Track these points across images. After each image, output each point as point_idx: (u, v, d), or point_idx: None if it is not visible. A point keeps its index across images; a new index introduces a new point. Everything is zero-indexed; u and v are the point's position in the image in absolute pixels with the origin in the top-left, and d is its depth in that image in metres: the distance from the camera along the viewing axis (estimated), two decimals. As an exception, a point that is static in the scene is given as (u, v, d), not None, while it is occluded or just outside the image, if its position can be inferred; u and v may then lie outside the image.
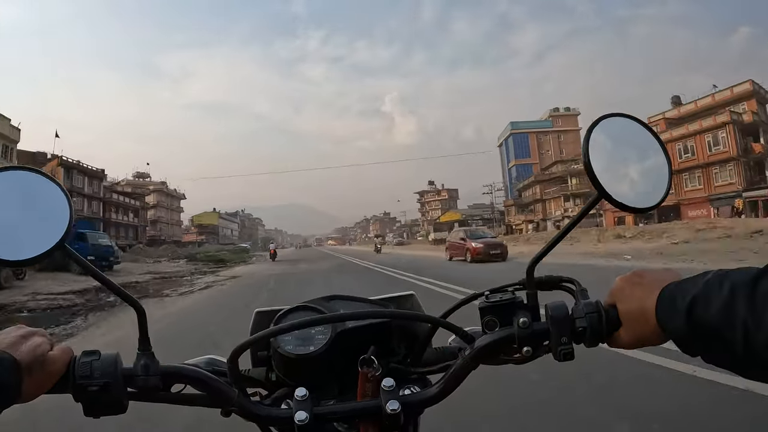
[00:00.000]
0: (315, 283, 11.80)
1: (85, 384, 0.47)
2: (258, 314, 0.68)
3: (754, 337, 0.35)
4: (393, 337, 0.63)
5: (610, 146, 0.51)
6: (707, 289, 0.39)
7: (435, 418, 0.66)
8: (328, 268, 17.44)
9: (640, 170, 0.53)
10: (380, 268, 15.58)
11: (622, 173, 0.52)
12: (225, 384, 0.53)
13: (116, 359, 0.50)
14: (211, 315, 7.41)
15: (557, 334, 0.50)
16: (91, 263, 0.53)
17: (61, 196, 0.50)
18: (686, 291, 0.41)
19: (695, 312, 0.39)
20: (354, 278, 12.87)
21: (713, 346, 0.39)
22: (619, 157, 0.52)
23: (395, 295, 0.73)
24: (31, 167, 0.52)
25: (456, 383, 0.54)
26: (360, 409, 0.53)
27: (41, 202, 0.50)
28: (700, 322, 0.39)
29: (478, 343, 0.53)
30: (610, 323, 0.49)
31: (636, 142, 0.53)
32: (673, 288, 0.43)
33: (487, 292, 0.56)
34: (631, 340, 0.48)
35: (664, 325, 0.43)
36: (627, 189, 0.51)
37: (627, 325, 0.48)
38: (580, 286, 0.54)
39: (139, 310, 0.53)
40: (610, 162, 0.50)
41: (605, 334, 0.49)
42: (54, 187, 0.51)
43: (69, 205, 0.50)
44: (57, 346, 0.48)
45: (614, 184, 0.49)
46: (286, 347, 0.59)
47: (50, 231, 0.49)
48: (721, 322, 0.37)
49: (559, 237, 0.57)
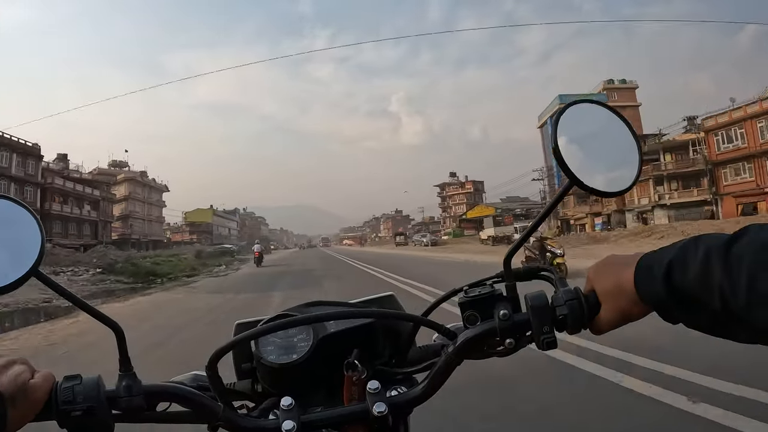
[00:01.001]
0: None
1: (69, 409, 0.47)
2: (239, 326, 0.68)
3: (730, 301, 0.36)
4: (376, 339, 0.63)
5: (580, 133, 0.51)
6: (683, 254, 0.40)
7: (426, 417, 0.59)
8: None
9: (611, 155, 0.53)
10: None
11: (593, 159, 0.52)
12: (210, 399, 0.53)
13: (98, 382, 0.49)
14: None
15: (539, 324, 0.50)
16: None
17: (32, 220, 0.50)
18: (662, 258, 0.42)
19: (673, 277, 0.40)
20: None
21: (693, 311, 0.40)
22: (589, 144, 0.52)
23: (375, 297, 0.72)
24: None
25: (441, 380, 0.54)
26: (347, 414, 0.53)
27: (11, 228, 0.49)
28: (679, 287, 0.40)
29: (461, 338, 0.53)
30: (590, 308, 0.49)
31: (605, 128, 0.53)
32: (650, 256, 0.44)
33: (466, 287, 0.57)
34: (613, 319, 0.48)
35: (643, 295, 0.43)
36: (598, 174, 0.51)
37: (607, 303, 0.48)
38: (559, 274, 0.55)
39: (117, 331, 0.52)
40: (580, 148, 0.50)
41: (586, 319, 0.50)
42: (23, 212, 0.50)
43: (40, 229, 0.50)
44: (38, 372, 0.47)
45: (585, 170, 0.49)
46: (269, 357, 0.59)
47: (22, 257, 0.48)
48: (699, 286, 0.38)
49: (533, 227, 0.57)
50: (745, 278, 0.34)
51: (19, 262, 0.48)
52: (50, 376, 0.47)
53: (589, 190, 0.49)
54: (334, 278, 13.25)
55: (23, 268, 0.47)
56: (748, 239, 0.36)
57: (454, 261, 17.94)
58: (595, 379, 3.04)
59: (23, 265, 0.47)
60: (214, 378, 0.53)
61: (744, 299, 0.35)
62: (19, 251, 0.48)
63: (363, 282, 11.82)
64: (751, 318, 0.35)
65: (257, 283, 13.02)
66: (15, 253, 0.48)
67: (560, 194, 0.54)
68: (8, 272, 0.47)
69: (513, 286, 0.55)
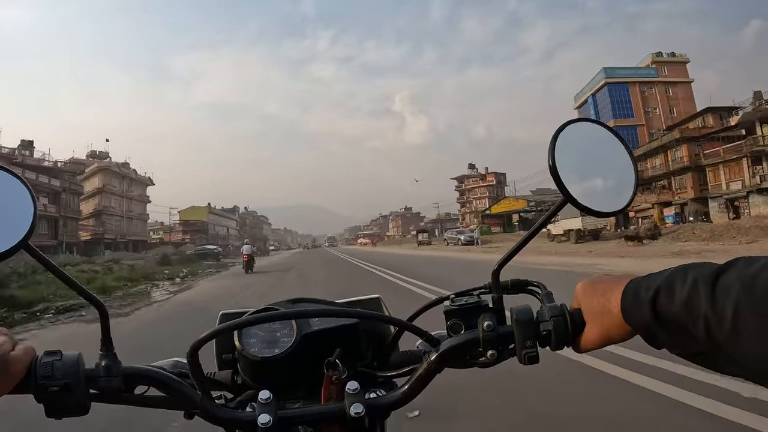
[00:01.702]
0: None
1: (47, 384, 0.47)
2: (223, 316, 0.68)
3: (714, 331, 0.36)
4: (359, 341, 0.62)
5: (576, 151, 0.51)
6: (670, 281, 0.40)
7: (402, 422, 0.50)
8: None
9: (606, 174, 0.53)
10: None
11: (589, 177, 0.52)
12: (188, 386, 0.53)
13: (78, 360, 0.49)
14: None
15: (522, 338, 0.50)
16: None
17: (26, 192, 0.49)
18: (650, 283, 0.41)
19: (659, 303, 0.40)
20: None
21: (677, 338, 0.40)
22: (585, 162, 0.52)
23: (361, 299, 0.73)
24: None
25: (421, 387, 0.54)
26: (324, 412, 0.53)
27: (3, 199, 0.49)
28: (664, 313, 0.39)
29: (443, 346, 0.53)
30: (575, 326, 0.49)
31: (602, 147, 0.54)
32: (638, 281, 0.44)
33: (453, 295, 0.57)
34: (596, 339, 0.48)
35: (628, 318, 0.43)
36: (593, 193, 0.51)
37: (592, 323, 0.48)
38: (546, 290, 0.55)
39: (102, 311, 0.52)
40: (576, 166, 0.51)
41: (570, 337, 0.50)
42: (17, 182, 0.50)
43: (33, 202, 0.49)
44: (19, 345, 0.47)
45: (580, 189, 0.50)
46: (251, 349, 0.59)
47: (13, 229, 0.47)
48: (684, 314, 0.38)
49: (524, 241, 0.55)
50: (730, 310, 0.34)
51: (8, 233, 0.47)
52: (31, 349, 0.48)
53: (583, 208, 0.49)
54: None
55: (13, 239, 0.46)
56: (737, 272, 0.36)
57: (575, 272, 9.77)
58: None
59: (13, 236, 0.47)
60: (195, 366, 0.52)
61: (728, 331, 0.35)
62: (9, 222, 0.47)
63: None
64: (734, 350, 0.35)
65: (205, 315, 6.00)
66: (5, 224, 0.47)
67: (553, 211, 0.52)
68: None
69: (500, 298, 0.55)
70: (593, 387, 2.89)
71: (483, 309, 0.54)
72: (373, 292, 0.75)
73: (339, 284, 11.43)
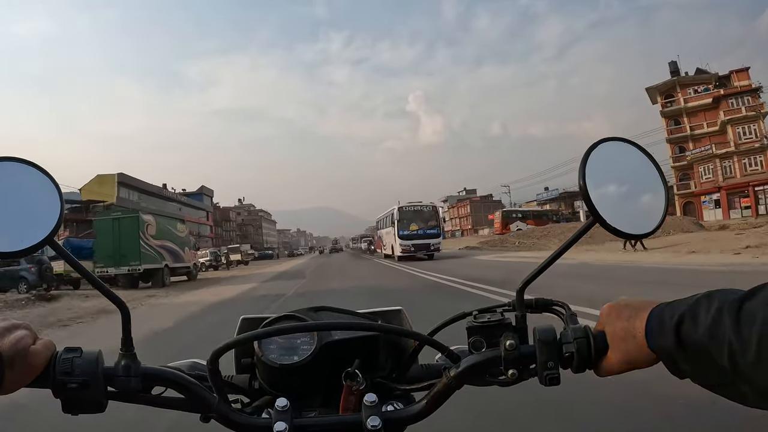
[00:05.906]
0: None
1: (65, 380, 0.47)
2: (244, 320, 0.68)
3: (738, 359, 0.35)
4: (379, 352, 0.63)
5: (607, 171, 0.50)
6: (695, 308, 0.39)
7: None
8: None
9: (637, 196, 0.52)
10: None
11: (619, 198, 0.51)
12: (206, 389, 0.53)
13: (98, 358, 0.49)
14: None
15: (544, 359, 0.49)
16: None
17: (52, 188, 0.50)
18: (675, 309, 0.41)
19: (683, 330, 0.39)
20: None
21: (701, 366, 0.39)
22: (615, 182, 0.51)
23: (383, 310, 0.72)
24: (23, 159, 0.50)
25: (439, 402, 0.54)
26: (340, 423, 0.53)
27: (32, 194, 0.49)
28: (688, 341, 0.39)
29: (464, 363, 0.52)
30: (598, 349, 0.48)
31: (633, 167, 0.52)
32: (663, 307, 0.43)
33: (476, 311, 0.56)
34: (619, 363, 0.47)
35: (652, 345, 0.43)
36: (623, 214, 0.50)
37: (615, 347, 0.47)
38: (570, 311, 0.53)
39: (123, 311, 0.52)
40: (606, 187, 0.50)
41: (593, 360, 0.49)
42: (45, 179, 0.50)
43: (60, 198, 0.50)
44: (40, 340, 0.48)
45: (610, 209, 0.49)
46: (270, 356, 0.59)
47: (40, 224, 0.48)
48: (708, 341, 0.37)
49: (553, 259, 0.53)
50: (756, 337, 0.34)
51: (35, 228, 0.47)
52: (51, 345, 0.48)
53: (612, 230, 0.49)
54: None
55: (39, 234, 0.47)
56: (763, 298, 0.35)
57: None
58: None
59: (40, 231, 0.47)
60: (214, 372, 0.53)
61: (753, 358, 0.34)
62: (36, 217, 0.48)
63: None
64: (758, 378, 0.34)
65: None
66: (33, 218, 0.48)
67: (581, 231, 0.50)
68: (24, 237, 0.47)
69: (523, 316, 0.54)
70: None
71: (506, 327, 0.52)
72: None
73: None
